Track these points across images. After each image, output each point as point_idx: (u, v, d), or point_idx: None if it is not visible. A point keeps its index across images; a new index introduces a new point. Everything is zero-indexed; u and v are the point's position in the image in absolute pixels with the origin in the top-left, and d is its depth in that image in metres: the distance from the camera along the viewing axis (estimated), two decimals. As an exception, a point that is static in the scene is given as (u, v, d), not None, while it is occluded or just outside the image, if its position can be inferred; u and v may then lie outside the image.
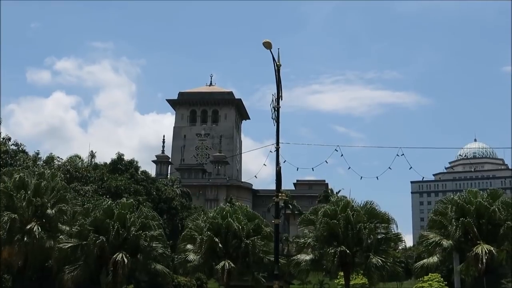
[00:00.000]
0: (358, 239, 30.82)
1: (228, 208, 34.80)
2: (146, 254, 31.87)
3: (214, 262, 31.57)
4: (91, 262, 30.75)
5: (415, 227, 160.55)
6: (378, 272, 31.57)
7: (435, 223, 31.41)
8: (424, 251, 32.86)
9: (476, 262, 28.37)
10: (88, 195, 48.82)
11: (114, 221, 31.00)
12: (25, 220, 30.97)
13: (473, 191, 31.94)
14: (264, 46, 25.31)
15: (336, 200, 35.00)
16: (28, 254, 30.87)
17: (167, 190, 69.05)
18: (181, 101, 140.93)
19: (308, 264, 32.63)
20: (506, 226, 28.52)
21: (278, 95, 26.27)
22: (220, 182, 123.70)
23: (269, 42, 25.29)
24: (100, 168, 65.37)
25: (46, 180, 33.67)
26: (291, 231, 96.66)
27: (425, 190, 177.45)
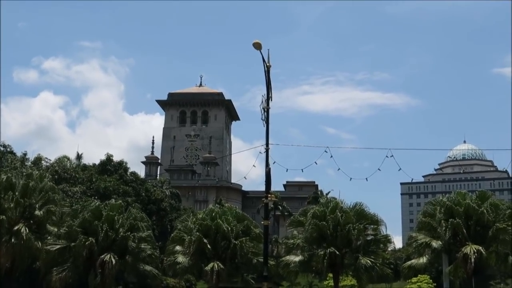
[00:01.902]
0: (347, 241, 30.90)
1: (218, 209, 34.85)
2: (135, 256, 31.83)
3: (203, 264, 31.55)
4: (80, 263, 30.69)
5: (404, 229, 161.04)
6: (367, 273, 31.67)
7: (424, 224, 31.53)
8: (413, 252, 32.99)
9: (465, 263, 28.50)
10: (76, 196, 48.73)
11: (102, 223, 30.95)
12: (13, 221, 30.87)
13: (462, 193, 32.10)
14: (254, 47, 25.33)
15: (326, 202, 35.08)
16: (15, 255, 30.77)
17: (156, 191, 68.98)
18: (170, 101, 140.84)
19: (297, 265, 32.71)
20: (495, 228, 28.68)
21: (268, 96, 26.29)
22: (209, 183, 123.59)
23: (259, 43, 25.31)
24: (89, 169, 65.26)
25: (34, 181, 33.57)
26: (280, 233, 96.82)
27: (415, 191, 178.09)
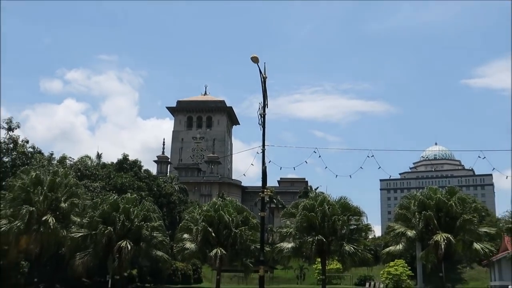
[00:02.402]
0: (333, 230, 30.97)
1: (220, 202, 34.85)
2: (148, 242, 31.87)
3: (207, 250, 31.61)
4: (100, 249, 30.73)
5: (383, 220, 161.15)
6: (351, 258, 31.75)
7: (401, 216, 31.61)
8: (391, 240, 33.04)
9: (435, 249, 28.59)
10: (96, 190, 48.61)
11: (119, 214, 31.01)
12: (41, 212, 30.90)
13: (434, 188, 32.15)
14: (252, 61, 25.38)
15: (314, 196, 35.12)
16: (43, 242, 30.83)
17: (167, 186, 68.90)
18: (179, 108, 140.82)
19: (290, 251, 32.77)
20: (462, 219, 28.76)
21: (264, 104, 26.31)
22: (213, 180, 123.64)
23: (256, 57, 25.35)
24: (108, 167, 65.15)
25: (60, 177, 33.64)
26: (275, 223, 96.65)
27: (392, 187, 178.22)
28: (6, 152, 49.11)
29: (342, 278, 69.08)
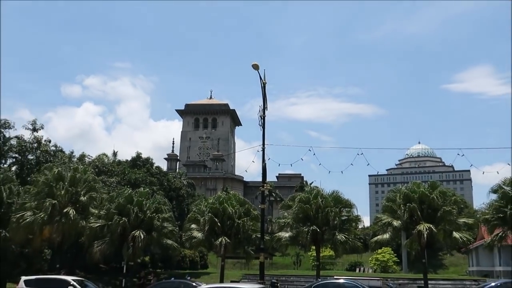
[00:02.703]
0: (326, 220, 31.00)
1: (224, 195, 34.86)
2: (159, 232, 31.91)
3: (213, 238, 31.63)
4: (115, 238, 30.77)
5: (371, 211, 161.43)
6: (342, 246, 31.81)
7: (387, 208, 31.58)
8: (379, 229, 33.02)
9: (419, 238, 28.58)
10: (113, 185, 48.66)
11: (133, 206, 31.05)
12: (63, 205, 30.95)
13: (417, 183, 32.12)
14: (253, 68, 25.43)
15: (309, 190, 35.27)
16: (65, 232, 30.87)
17: (176, 181, 68.94)
18: (187, 110, 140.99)
19: (287, 240, 32.84)
20: (443, 210, 28.74)
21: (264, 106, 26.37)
22: (218, 175, 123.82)
23: (257, 64, 25.40)
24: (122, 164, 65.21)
25: (80, 173, 33.68)
26: (274, 214, 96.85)
27: (380, 182, 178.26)
28: (31, 151, 49.24)
29: (335, 264, 69.16)
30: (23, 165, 48.19)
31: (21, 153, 48.84)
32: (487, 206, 31.28)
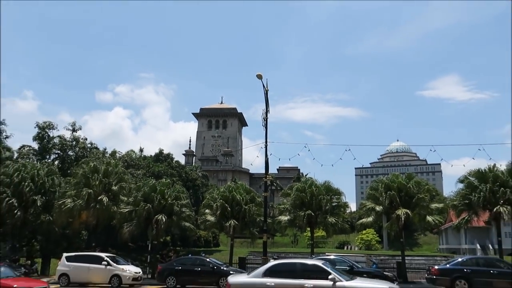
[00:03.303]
0: (319, 206, 31.00)
1: (233, 185, 34.92)
2: (178, 216, 31.93)
3: (223, 221, 31.67)
4: (141, 221, 30.82)
5: (357, 198, 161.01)
6: (333, 227, 31.81)
7: (371, 195, 31.53)
8: (363, 214, 32.97)
9: (397, 221, 28.53)
10: (139, 177, 48.85)
11: (157, 194, 31.08)
12: (97, 193, 31.01)
13: (396, 174, 32.02)
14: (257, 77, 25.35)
15: (305, 180, 35.14)
16: (99, 216, 30.95)
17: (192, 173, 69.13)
18: (201, 113, 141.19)
19: (286, 222, 32.84)
20: (417, 197, 28.68)
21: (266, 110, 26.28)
22: (228, 168, 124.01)
23: (260, 74, 25.29)
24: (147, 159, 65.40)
25: (111, 166, 33.72)
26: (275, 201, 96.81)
27: (364, 173, 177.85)
28: (71, 148, 49.47)
29: (326, 243, 69.26)
30: (64, 160, 48.42)
31: (62, 150, 49.06)
32: (455, 194, 31.17)
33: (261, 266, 13.34)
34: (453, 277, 20.66)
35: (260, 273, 12.26)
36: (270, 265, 12.66)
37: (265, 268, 12.41)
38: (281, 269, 12.38)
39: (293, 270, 12.28)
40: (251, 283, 12.06)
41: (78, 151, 49.06)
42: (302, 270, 12.20)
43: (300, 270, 12.22)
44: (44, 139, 48.35)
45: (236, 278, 12.85)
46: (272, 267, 12.49)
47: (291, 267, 12.57)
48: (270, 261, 13.56)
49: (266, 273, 12.18)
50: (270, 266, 12.56)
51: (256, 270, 12.60)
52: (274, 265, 12.62)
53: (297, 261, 13.11)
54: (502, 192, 27.32)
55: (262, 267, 12.73)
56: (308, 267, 12.43)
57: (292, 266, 12.59)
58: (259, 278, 12.09)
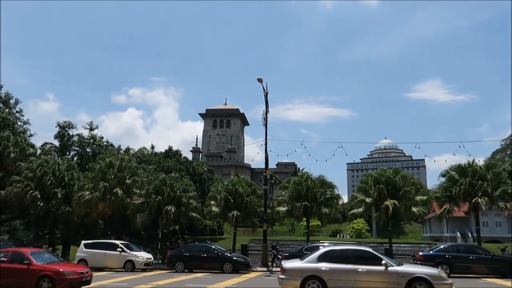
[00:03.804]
0: (314, 198, 30.97)
1: (236, 179, 34.87)
2: (186, 207, 31.94)
3: (227, 212, 31.63)
4: (153, 212, 30.83)
5: (349, 191, 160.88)
6: (326, 217, 31.78)
7: (361, 188, 31.54)
8: (355, 205, 32.97)
9: (385, 211, 28.53)
10: (150, 171, 48.84)
11: (166, 187, 31.08)
12: (112, 186, 31.04)
13: (384, 169, 32.06)
14: (258, 81, 25.36)
15: (301, 174, 35.13)
16: (114, 207, 30.98)
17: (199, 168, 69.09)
18: (207, 114, 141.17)
19: (284, 212, 32.80)
20: (403, 190, 28.67)
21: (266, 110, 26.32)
22: (231, 164, 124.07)
23: (261, 78, 25.35)
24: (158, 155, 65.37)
25: (125, 162, 33.73)
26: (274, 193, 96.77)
27: (355, 168, 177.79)
28: (88, 145, 49.50)
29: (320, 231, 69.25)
30: (83, 156, 48.46)
31: (81, 147, 49.10)
32: (438, 186, 31.24)
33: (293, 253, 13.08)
34: (436, 262, 20.70)
35: (314, 258, 12.13)
36: (323, 251, 12.50)
37: (319, 254, 12.27)
38: (333, 255, 12.26)
39: (345, 256, 12.16)
40: (306, 267, 11.96)
41: (95, 148, 49.08)
42: (354, 256, 12.09)
43: (352, 256, 12.10)
44: (64, 137, 48.37)
45: (291, 264, 12.67)
46: (325, 253, 12.35)
47: (343, 253, 12.44)
48: (321, 248, 13.22)
49: (319, 259, 12.07)
50: (323, 252, 12.42)
51: (309, 256, 12.44)
52: (327, 251, 12.47)
53: (348, 248, 12.99)
54: (480, 185, 27.34)
55: (315, 253, 12.52)
56: (360, 253, 12.31)
57: (344, 252, 12.47)
58: (314, 263, 11.97)
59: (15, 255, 14.47)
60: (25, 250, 15.12)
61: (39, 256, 14.50)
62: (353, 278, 11.48)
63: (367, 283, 11.47)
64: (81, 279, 14.04)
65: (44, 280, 13.36)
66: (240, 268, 22.86)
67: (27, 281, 13.50)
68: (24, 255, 14.29)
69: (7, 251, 15.02)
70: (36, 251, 15.65)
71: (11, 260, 14.17)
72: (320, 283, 11.61)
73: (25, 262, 13.88)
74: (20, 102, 44.31)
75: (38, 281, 13.37)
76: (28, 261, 13.90)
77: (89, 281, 14.51)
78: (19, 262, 14.02)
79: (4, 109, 41.46)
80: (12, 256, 14.36)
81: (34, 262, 13.85)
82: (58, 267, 13.95)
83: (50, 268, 13.74)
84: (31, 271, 13.58)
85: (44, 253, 15.63)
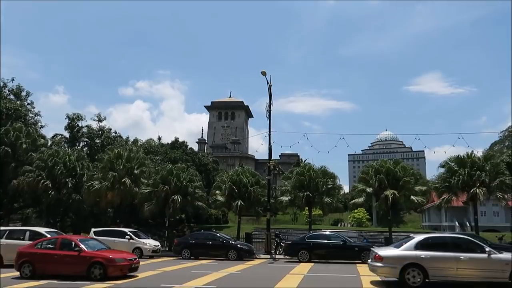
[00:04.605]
0: (316, 188, 30.98)
1: (240, 170, 35.00)
2: (192, 196, 32.08)
3: (232, 201, 31.76)
4: (160, 201, 31.00)
5: (350, 181, 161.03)
6: (328, 207, 31.81)
7: (362, 178, 31.52)
8: (355, 195, 32.99)
9: (385, 201, 28.53)
10: (157, 162, 48.96)
11: (173, 177, 31.20)
12: (121, 176, 31.17)
13: (384, 160, 32.02)
14: (261, 74, 25.29)
15: (304, 165, 35.17)
16: (122, 196, 31.15)
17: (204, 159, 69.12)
18: (212, 106, 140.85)
19: (287, 202, 32.86)
20: (403, 180, 28.65)
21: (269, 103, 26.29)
22: (235, 155, 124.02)
23: (265, 71, 25.28)
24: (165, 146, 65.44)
25: (133, 153, 33.85)
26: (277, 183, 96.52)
27: (356, 159, 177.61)
28: (97, 136, 49.63)
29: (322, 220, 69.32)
30: (92, 147, 48.65)
31: (90, 138, 49.28)
32: (437, 177, 31.11)
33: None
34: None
35: (412, 246, 11.64)
36: (420, 239, 11.94)
37: (416, 242, 11.76)
38: (432, 243, 11.76)
39: (445, 244, 11.69)
40: (404, 255, 11.50)
41: (104, 139, 49.23)
42: (454, 244, 11.62)
43: (452, 244, 11.64)
44: (74, 129, 48.54)
45: (387, 251, 12.15)
46: (422, 240, 11.82)
47: (442, 240, 12.03)
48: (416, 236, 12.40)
49: (417, 246, 11.58)
50: (420, 240, 11.87)
51: (406, 244, 11.86)
52: (425, 239, 11.95)
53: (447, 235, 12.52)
54: (478, 176, 27.26)
55: (411, 240, 11.94)
56: (460, 240, 11.83)
57: (443, 240, 12.08)
58: (411, 251, 11.50)
59: (65, 242, 14.33)
60: (74, 238, 15.04)
61: (87, 243, 14.37)
62: (455, 266, 11.04)
63: (469, 270, 11.05)
64: (131, 266, 13.91)
65: (96, 267, 13.23)
66: (244, 255, 22.98)
67: (78, 268, 13.37)
68: (73, 242, 14.15)
69: (56, 238, 14.92)
70: (83, 238, 15.53)
71: (60, 247, 14.05)
72: (421, 271, 11.14)
73: (76, 249, 13.75)
74: (31, 94, 44.38)
75: (90, 268, 13.24)
76: (78, 248, 13.77)
77: (137, 267, 14.34)
78: (69, 249, 13.91)
79: (16, 101, 41.57)
80: (62, 243, 14.24)
81: (84, 249, 13.73)
82: (108, 254, 13.86)
83: (101, 255, 13.62)
84: (82, 258, 13.45)
85: (91, 240, 15.49)
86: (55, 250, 13.98)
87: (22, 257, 14.12)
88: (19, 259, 14.15)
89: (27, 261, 13.96)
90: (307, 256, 21.56)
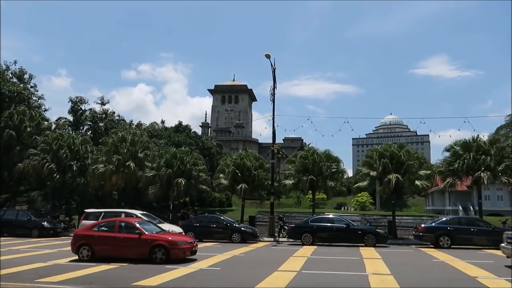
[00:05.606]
0: (320, 172, 30.89)
1: (244, 153, 34.94)
2: (196, 180, 32.21)
3: (235, 185, 31.79)
4: (164, 184, 31.15)
5: (353, 165, 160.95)
6: (332, 191, 31.81)
7: (366, 162, 31.37)
8: (359, 178, 32.91)
9: (389, 185, 28.39)
10: (161, 145, 49.13)
11: (177, 160, 31.31)
12: (125, 160, 31.25)
13: (389, 144, 31.77)
14: (265, 57, 25.11)
15: (308, 149, 35.02)
16: (127, 179, 31.29)
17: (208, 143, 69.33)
18: (216, 90, 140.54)
19: (291, 186, 32.79)
20: (407, 164, 28.51)
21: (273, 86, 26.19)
22: (239, 138, 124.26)
23: (269, 54, 25.09)
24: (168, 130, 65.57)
25: (137, 136, 33.87)
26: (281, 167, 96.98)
27: (360, 143, 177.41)
28: (101, 120, 49.73)
29: (326, 204, 69.78)
30: (96, 130, 48.80)
31: (94, 122, 49.39)
32: (441, 161, 30.96)
33: None
34: (438, 234, 20.84)
35: None
36: None
37: None
38: None
39: None
40: None
41: (107, 123, 49.33)
42: None
43: None
44: (77, 112, 48.61)
45: None
46: None
47: None
48: None
49: None
50: None
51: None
52: None
53: None
54: (483, 160, 27.11)
55: None
56: None
57: None
58: None
59: (123, 225, 14.01)
60: (133, 220, 14.74)
61: (144, 226, 14.04)
62: None
63: None
64: (192, 249, 13.74)
65: (158, 250, 12.97)
66: (248, 238, 23.19)
67: (140, 250, 13.08)
68: (132, 224, 13.85)
69: (114, 221, 14.52)
70: (140, 220, 15.23)
71: (119, 230, 13.76)
72: None
73: (136, 232, 13.43)
74: (34, 77, 44.14)
75: (152, 251, 12.96)
76: (138, 231, 13.44)
77: (196, 250, 14.15)
78: (128, 231, 13.58)
79: (19, 84, 41.53)
80: (120, 226, 13.92)
81: (145, 232, 13.43)
82: (169, 237, 13.66)
83: (162, 238, 13.34)
84: (143, 241, 13.11)
85: (146, 223, 15.11)
86: (114, 232, 13.64)
87: (80, 240, 13.80)
88: (77, 242, 13.80)
89: (85, 244, 13.61)
90: (310, 239, 21.70)
